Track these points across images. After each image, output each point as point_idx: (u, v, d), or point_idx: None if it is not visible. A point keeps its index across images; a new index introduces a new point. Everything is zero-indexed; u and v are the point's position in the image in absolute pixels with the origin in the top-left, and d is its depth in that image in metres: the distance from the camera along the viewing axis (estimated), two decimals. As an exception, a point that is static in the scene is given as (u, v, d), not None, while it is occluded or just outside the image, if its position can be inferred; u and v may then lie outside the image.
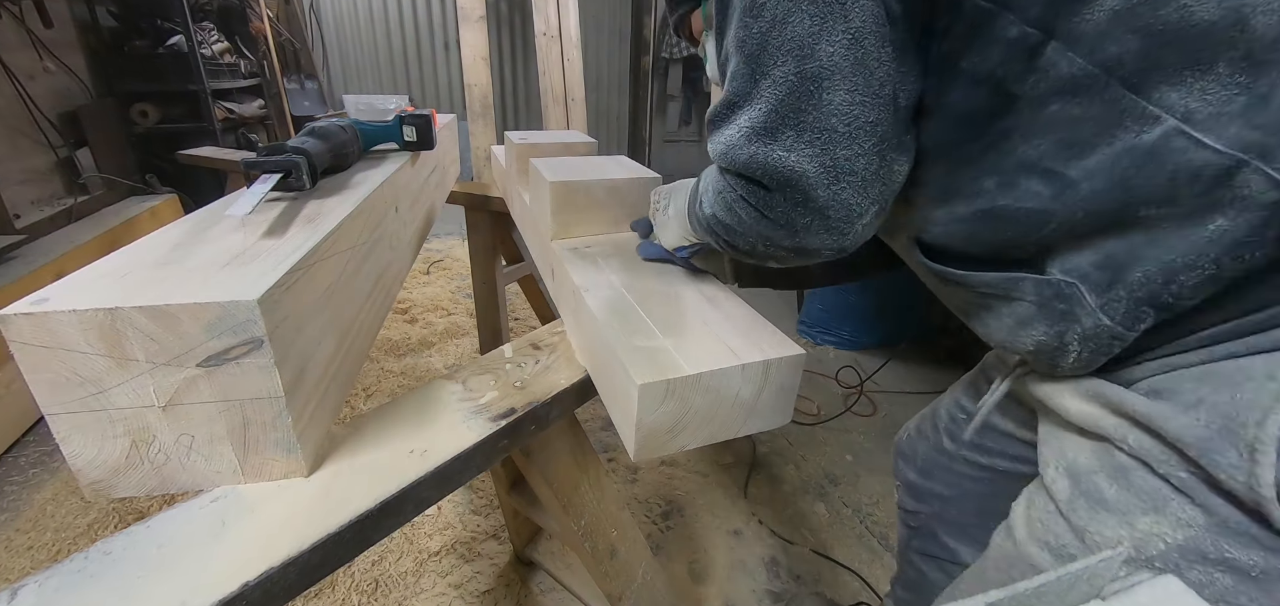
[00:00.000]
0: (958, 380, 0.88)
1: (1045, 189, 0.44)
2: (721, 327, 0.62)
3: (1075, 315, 0.45)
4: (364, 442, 0.57)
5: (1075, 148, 0.41)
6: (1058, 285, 0.46)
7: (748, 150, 0.47)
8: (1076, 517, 0.49)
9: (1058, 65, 0.40)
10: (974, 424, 0.69)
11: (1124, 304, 0.43)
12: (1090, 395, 0.49)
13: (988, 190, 0.47)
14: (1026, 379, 0.59)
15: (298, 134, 0.80)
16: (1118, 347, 0.45)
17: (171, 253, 0.53)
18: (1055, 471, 0.52)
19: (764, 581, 1.42)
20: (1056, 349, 0.48)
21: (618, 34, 4.98)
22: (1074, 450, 0.51)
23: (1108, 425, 0.47)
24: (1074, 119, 0.41)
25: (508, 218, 1.55)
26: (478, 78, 1.82)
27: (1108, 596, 0.33)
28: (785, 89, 0.44)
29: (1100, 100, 0.39)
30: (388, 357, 2.26)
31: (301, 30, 4.35)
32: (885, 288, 2.38)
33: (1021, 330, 0.50)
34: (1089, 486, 0.48)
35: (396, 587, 1.34)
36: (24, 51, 2.49)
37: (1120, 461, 0.46)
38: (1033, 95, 0.42)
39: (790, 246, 0.51)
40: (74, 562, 0.44)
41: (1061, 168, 0.42)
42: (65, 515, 1.51)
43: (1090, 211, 0.42)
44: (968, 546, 0.85)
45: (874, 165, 0.45)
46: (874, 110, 0.43)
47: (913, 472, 0.91)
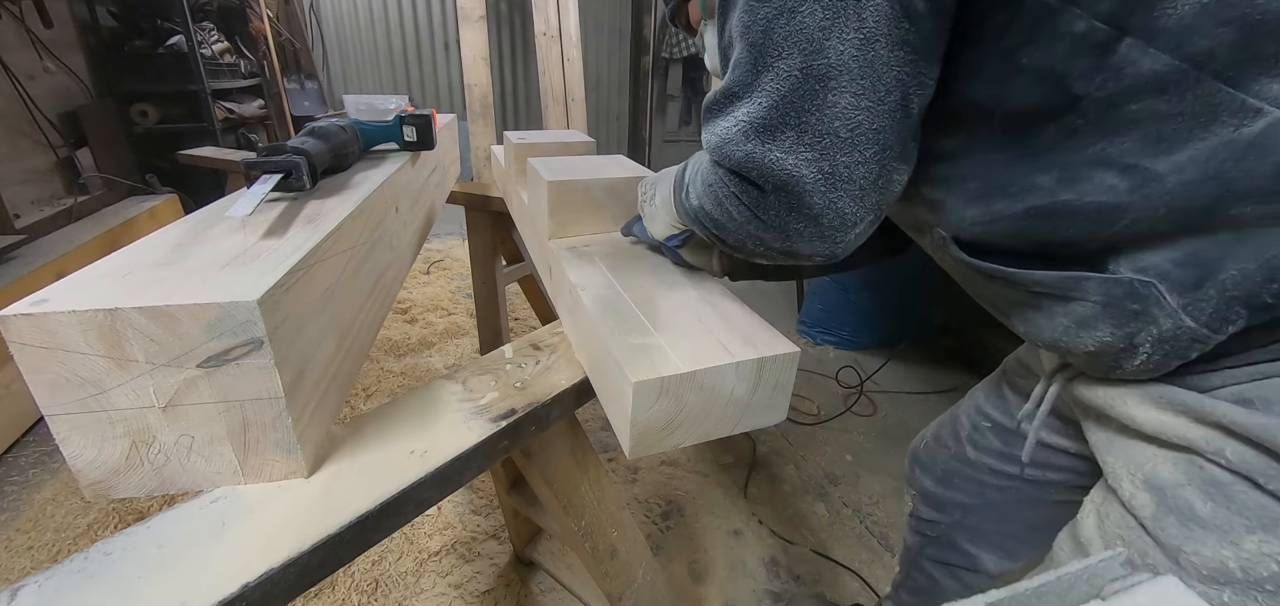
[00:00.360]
0: (976, 385, 0.86)
1: (1122, 183, 0.41)
2: (716, 326, 0.62)
3: (1151, 316, 0.43)
4: (364, 443, 0.57)
5: (1164, 143, 0.39)
6: (1129, 284, 0.43)
7: (744, 147, 0.46)
8: (1167, 536, 0.46)
9: (1137, 62, 0.38)
10: (1030, 444, 0.65)
11: (1213, 304, 0.40)
12: (1165, 403, 0.46)
13: (1044, 186, 0.44)
14: (1075, 384, 0.56)
15: (298, 134, 0.80)
16: (1196, 351, 0.42)
17: (171, 253, 0.53)
18: (1132, 485, 0.49)
19: (764, 581, 1.42)
20: (1122, 351, 0.45)
21: (618, 34, 4.99)
22: (1151, 461, 0.48)
23: (1195, 436, 0.44)
24: (1160, 115, 0.38)
25: (508, 218, 1.55)
26: (478, 78, 1.82)
27: (1108, 596, 0.33)
28: (789, 85, 0.42)
29: (1191, 95, 0.37)
30: (388, 357, 2.26)
31: (301, 30, 4.35)
32: (885, 288, 2.38)
33: (1080, 330, 0.47)
34: (1178, 502, 0.45)
35: (396, 587, 1.34)
36: (24, 51, 2.49)
37: (1214, 476, 0.43)
38: (1102, 94, 0.39)
39: (781, 249, 0.50)
40: (74, 562, 0.44)
41: (1145, 162, 0.40)
42: (65, 515, 1.51)
43: (1176, 208, 0.39)
44: (989, 552, 0.84)
45: (873, 174, 0.44)
46: (879, 117, 0.42)
47: (931, 482, 0.89)
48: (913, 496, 0.94)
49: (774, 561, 1.48)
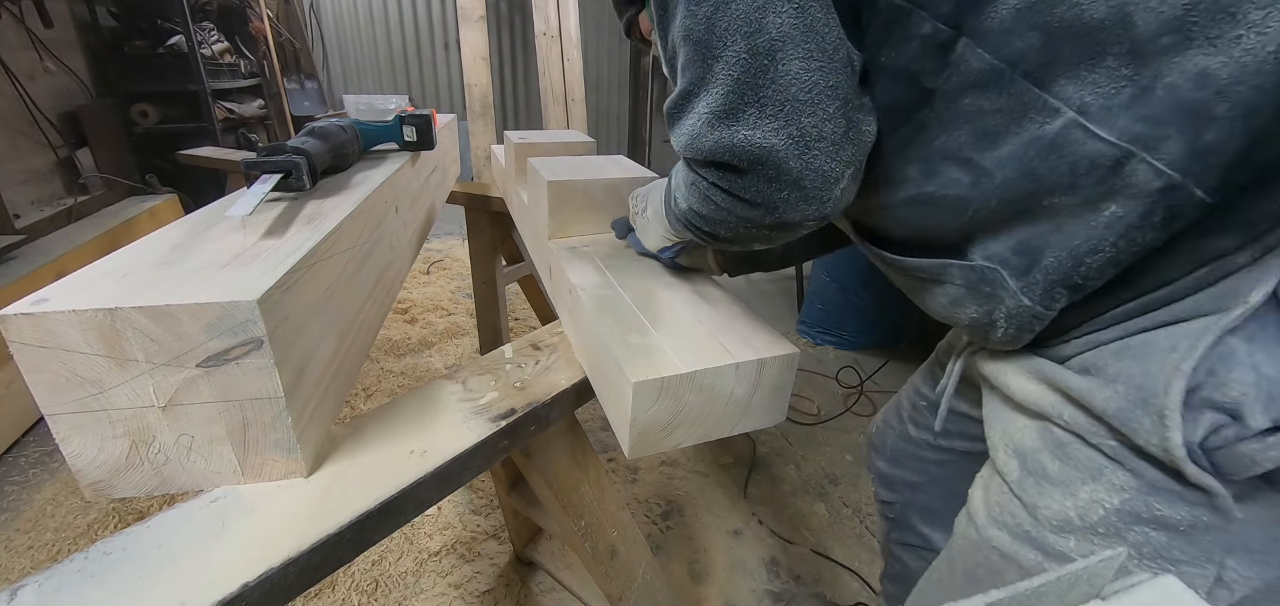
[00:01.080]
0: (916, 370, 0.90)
1: (964, 177, 0.45)
2: (716, 326, 0.62)
3: (999, 297, 0.47)
4: (364, 443, 0.57)
5: (988, 138, 0.43)
6: (981, 270, 0.48)
7: (712, 136, 0.47)
8: (1026, 495, 0.50)
9: (968, 60, 0.42)
10: (941, 411, 0.70)
11: (1041, 286, 0.45)
12: (1032, 373, 0.51)
13: (913, 177, 0.49)
14: (975, 358, 0.61)
15: (298, 134, 0.80)
16: (1038, 325, 0.47)
17: (171, 253, 0.53)
18: (1005, 455, 0.54)
19: (764, 581, 1.42)
20: (986, 325, 0.50)
21: (618, 34, 4.98)
22: (1019, 431, 0.53)
23: (1046, 402, 0.49)
24: (985, 111, 0.43)
25: (508, 218, 1.55)
26: (478, 78, 1.82)
27: (1107, 596, 0.33)
28: (740, 68, 0.44)
29: (1007, 93, 0.41)
30: (388, 357, 2.26)
31: (301, 30, 4.35)
32: (885, 288, 2.37)
33: (954, 307, 0.52)
34: (1035, 465, 0.50)
35: (396, 587, 1.34)
36: (24, 51, 2.49)
37: (1058, 437, 0.48)
38: (946, 89, 0.44)
39: (771, 224, 0.51)
40: (74, 562, 0.44)
41: (977, 157, 0.44)
42: (65, 515, 1.51)
43: (1003, 200, 0.44)
44: (941, 531, 0.87)
45: (842, 127, 0.45)
46: (832, 74, 0.44)
47: (883, 462, 0.93)
48: (872, 479, 0.98)
49: (774, 561, 1.47)
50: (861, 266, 2.38)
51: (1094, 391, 0.44)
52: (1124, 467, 0.44)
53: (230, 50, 3.46)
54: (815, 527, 1.58)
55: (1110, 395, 0.43)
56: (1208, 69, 0.35)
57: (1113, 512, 0.45)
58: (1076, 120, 0.39)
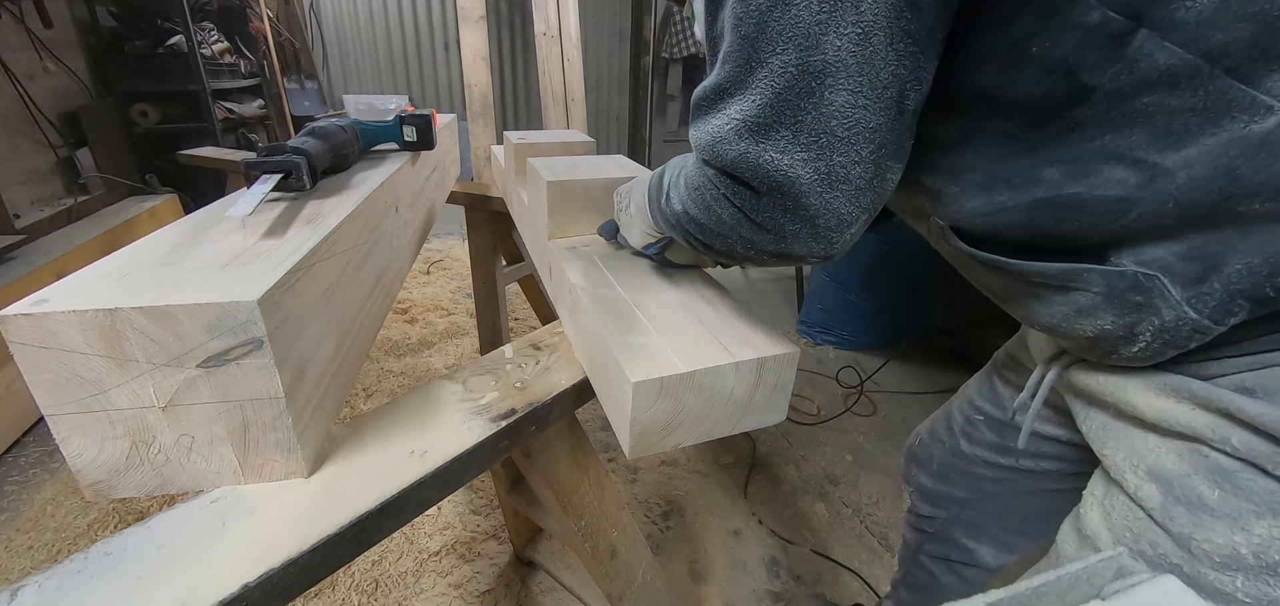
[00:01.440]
0: (968, 380, 0.87)
1: (1132, 177, 0.40)
2: (716, 326, 0.62)
3: (1154, 307, 0.43)
4: (364, 443, 0.57)
5: (1172, 137, 0.38)
6: (1133, 277, 0.43)
7: (738, 146, 0.44)
8: (1176, 525, 0.46)
9: (1151, 55, 0.37)
10: (1025, 431, 0.65)
11: (1217, 297, 0.40)
12: (1168, 390, 0.46)
13: (1050, 179, 0.44)
14: (1072, 370, 0.56)
15: (298, 134, 0.80)
16: (1196, 342, 0.42)
17: (171, 253, 0.53)
18: (1136, 477, 0.49)
19: (764, 581, 1.42)
20: (1121, 338, 0.46)
21: (618, 34, 4.99)
22: (1155, 451, 0.48)
23: (1200, 424, 0.44)
24: (1171, 109, 0.38)
25: (508, 218, 1.55)
26: (478, 78, 1.82)
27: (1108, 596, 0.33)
28: (784, 81, 0.41)
29: (1204, 90, 0.37)
30: (388, 357, 2.26)
31: (301, 30, 4.35)
32: (885, 288, 2.38)
33: (1080, 318, 0.47)
34: (1186, 492, 0.45)
35: (396, 587, 1.34)
36: (24, 51, 2.49)
37: (1221, 463, 0.44)
38: (1116, 87, 0.39)
39: (774, 251, 0.49)
40: (74, 562, 0.44)
41: (1154, 156, 0.39)
42: (65, 515, 1.51)
43: (1184, 203, 0.39)
44: (987, 545, 0.84)
45: (870, 174, 0.43)
46: (875, 115, 0.41)
47: (927, 478, 0.89)
48: (910, 493, 0.95)
49: (774, 561, 1.48)
50: (862, 266, 2.38)
51: (1277, 416, 0.40)
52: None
53: (230, 50, 3.46)
54: (815, 527, 1.58)
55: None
56: None
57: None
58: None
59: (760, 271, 3.34)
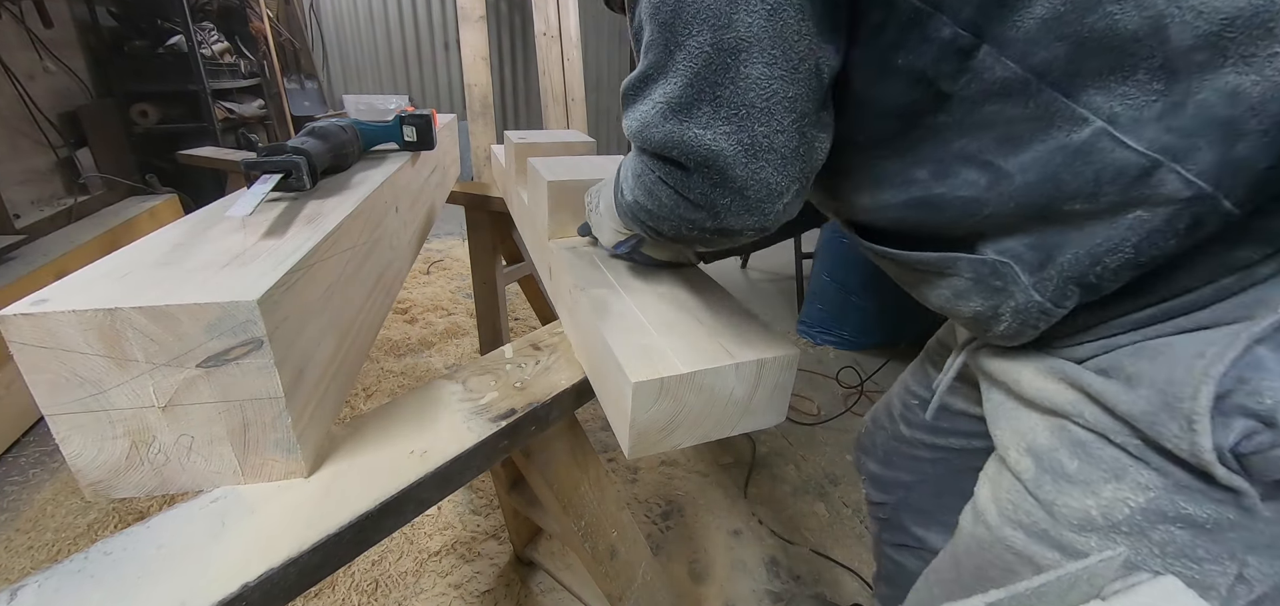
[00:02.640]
0: (906, 368, 0.90)
1: (981, 179, 0.45)
2: (716, 326, 0.62)
3: (1009, 291, 0.47)
4: (364, 443, 0.57)
5: (1011, 143, 0.43)
6: (993, 263, 0.47)
7: (663, 128, 0.46)
8: (1043, 493, 0.50)
9: (991, 68, 0.41)
10: (934, 402, 0.70)
11: (1054, 282, 0.45)
12: (1049, 372, 0.50)
13: (921, 179, 0.48)
14: (979, 354, 0.61)
15: (298, 134, 0.80)
16: (1044, 322, 0.47)
17: (171, 253, 0.53)
18: (1017, 452, 0.54)
19: (764, 581, 1.42)
20: (990, 318, 0.50)
21: (618, 34, 4.99)
22: (1032, 428, 0.53)
23: (1064, 401, 0.49)
24: (1010, 118, 0.42)
25: (508, 218, 1.55)
26: (478, 78, 1.82)
27: (1108, 596, 0.33)
28: (701, 61, 0.43)
29: (1034, 102, 0.41)
30: (388, 357, 2.26)
31: (301, 30, 4.35)
32: (886, 288, 2.38)
33: (958, 300, 0.52)
34: (1052, 462, 0.50)
35: (396, 587, 1.34)
36: (24, 51, 2.49)
37: (1078, 435, 0.48)
38: (966, 94, 0.43)
39: (712, 228, 0.50)
40: (74, 562, 0.44)
41: (999, 160, 0.44)
42: (65, 515, 1.51)
43: (1021, 203, 0.44)
44: (935, 531, 0.87)
45: (794, 142, 0.45)
46: (793, 84, 0.43)
47: (874, 464, 0.93)
48: (863, 481, 0.98)
49: (774, 561, 1.48)
50: (862, 266, 2.38)
51: (1117, 393, 0.44)
52: (1149, 466, 0.44)
53: (230, 50, 3.46)
54: (815, 527, 1.58)
55: (1134, 398, 0.43)
56: (1240, 87, 0.35)
57: (1138, 511, 0.44)
58: (1105, 129, 0.39)
59: (760, 272, 3.34)
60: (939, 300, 0.55)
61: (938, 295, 0.54)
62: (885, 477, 0.91)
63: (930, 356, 0.84)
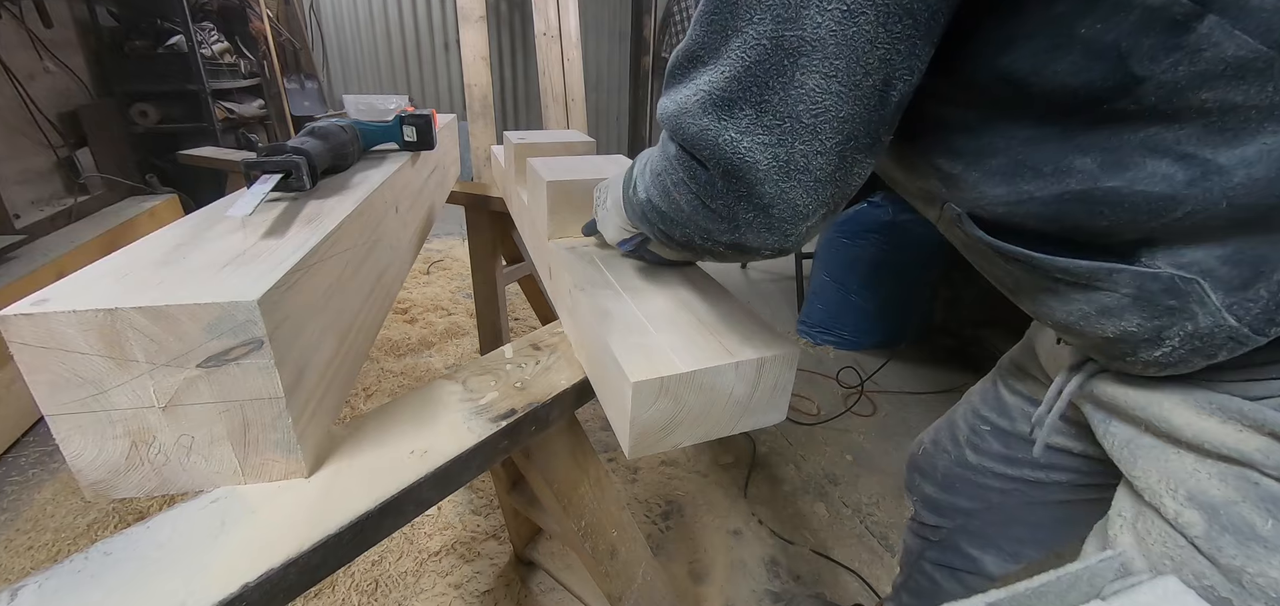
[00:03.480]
0: (971, 388, 0.86)
1: (1179, 173, 0.37)
2: (716, 325, 0.62)
3: (1189, 312, 0.40)
4: (364, 443, 0.57)
5: (1230, 133, 0.35)
6: (1169, 280, 0.40)
7: (700, 122, 0.42)
8: (1225, 558, 0.43)
9: (1218, 44, 0.33)
10: (1041, 441, 0.63)
11: (1262, 304, 0.38)
12: (1214, 409, 0.43)
13: (1084, 169, 0.40)
14: (1096, 381, 0.54)
15: (298, 134, 0.80)
16: (1226, 352, 0.40)
17: (172, 253, 0.53)
18: (1176, 502, 0.46)
19: (764, 581, 1.42)
20: (1144, 341, 0.43)
21: (618, 34, 4.98)
22: (1195, 475, 0.45)
23: (1249, 447, 0.42)
24: (1232, 105, 0.35)
25: (508, 218, 1.55)
26: (478, 78, 1.82)
27: (1107, 596, 0.33)
28: (756, 55, 0.38)
29: (1274, 86, 0.33)
30: (388, 357, 2.26)
31: (301, 30, 4.35)
32: (885, 288, 2.38)
33: (1101, 318, 0.44)
34: (1234, 521, 0.43)
35: (396, 587, 1.34)
36: (24, 51, 2.49)
37: (1273, 490, 0.41)
38: (1169, 78, 0.35)
39: (728, 243, 0.47)
40: (74, 562, 0.44)
41: (1207, 152, 0.36)
42: (65, 515, 1.51)
43: (1239, 204, 0.36)
44: (992, 554, 0.84)
45: (832, 165, 0.40)
46: (848, 103, 0.38)
47: (932, 487, 0.89)
48: (913, 502, 0.94)
49: (774, 561, 1.47)
50: (862, 266, 2.38)
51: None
52: None
53: (230, 50, 3.46)
54: (815, 527, 1.58)
55: None
56: None
57: None
58: None
59: (760, 272, 3.34)
60: (1068, 316, 0.47)
61: (1068, 309, 0.47)
62: (943, 502, 0.86)
63: (1005, 381, 0.77)
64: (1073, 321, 0.47)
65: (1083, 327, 0.47)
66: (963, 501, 0.84)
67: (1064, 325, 0.49)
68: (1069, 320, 0.47)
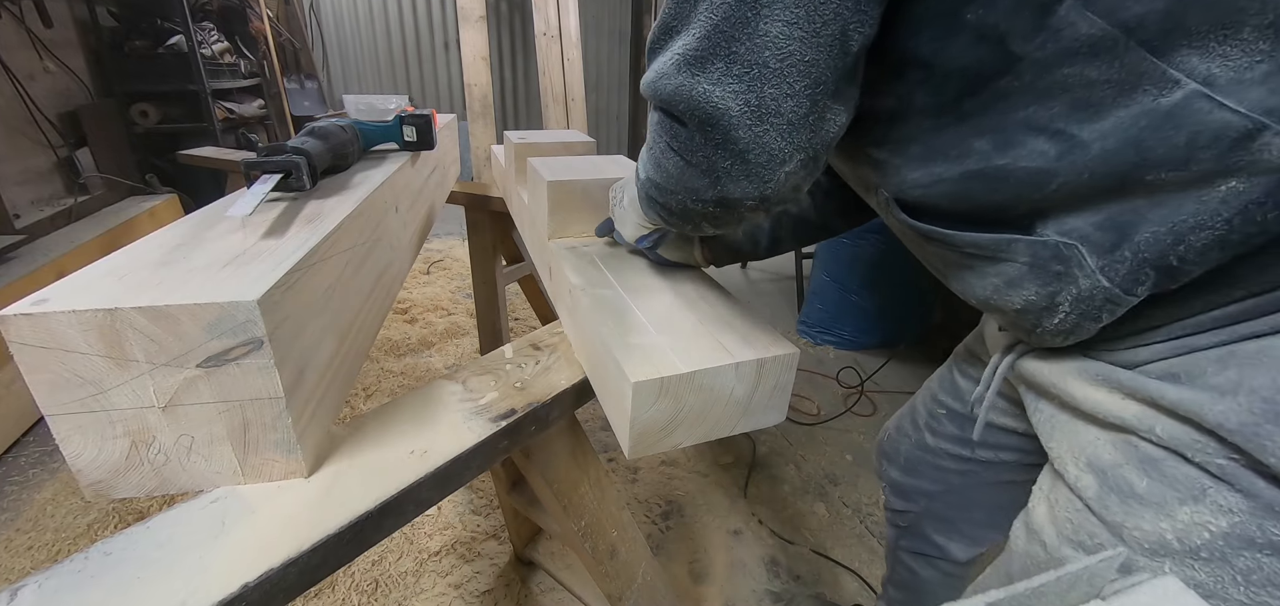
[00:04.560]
0: (931, 375, 0.89)
1: (1051, 148, 0.42)
2: (716, 326, 0.62)
3: (1072, 276, 0.44)
4: (364, 443, 0.57)
5: (1088, 109, 0.40)
6: (1055, 246, 0.44)
7: (675, 80, 0.45)
8: (1110, 514, 0.47)
9: (1074, 25, 0.38)
10: (980, 423, 0.66)
11: (1127, 265, 0.42)
12: (1102, 380, 0.47)
13: (980, 150, 0.45)
14: (1021, 361, 0.58)
15: (298, 134, 0.80)
16: (1108, 314, 0.44)
17: (172, 253, 0.53)
18: (1077, 468, 0.50)
19: (764, 581, 1.42)
20: (1044, 309, 0.47)
21: (618, 34, 4.98)
22: (1093, 443, 0.49)
23: (1129, 414, 0.46)
24: (1089, 81, 0.39)
25: (508, 218, 1.55)
26: (478, 78, 1.82)
27: (1107, 596, 0.33)
28: (722, 13, 0.41)
29: (1120, 63, 0.38)
30: (388, 357, 2.26)
31: (301, 30, 4.35)
32: (885, 288, 2.38)
33: (1008, 290, 0.49)
34: (1117, 481, 0.47)
35: (396, 587, 1.34)
36: (24, 51, 2.49)
37: (1148, 452, 0.45)
38: (1041, 56, 0.40)
39: (713, 198, 0.48)
40: (74, 562, 0.44)
41: (1073, 128, 0.41)
42: (65, 515, 1.51)
43: (1099, 174, 0.41)
44: (956, 541, 0.87)
45: (804, 109, 0.42)
46: (812, 48, 0.40)
47: (897, 471, 0.91)
48: (883, 487, 0.97)
49: (774, 561, 1.48)
50: (862, 266, 2.38)
51: (1203, 404, 0.40)
52: (1233, 488, 0.40)
53: (230, 50, 3.46)
54: (815, 527, 1.58)
55: (1229, 408, 0.39)
56: None
57: (1219, 536, 0.41)
58: (1201, 91, 0.36)
59: (760, 271, 3.34)
60: (984, 291, 0.51)
61: (984, 285, 0.51)
62: (907, 486, 0.89)
63: (959, 366, 0.81)
64: (988, 296, 0.51)
65: (997, 302, 0.51)
66: (925, 484, 0.87)
67: (983, 300, 0.53)
68: (986, 295, 0.51)
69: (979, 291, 0.52)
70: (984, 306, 0.53)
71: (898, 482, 0.91)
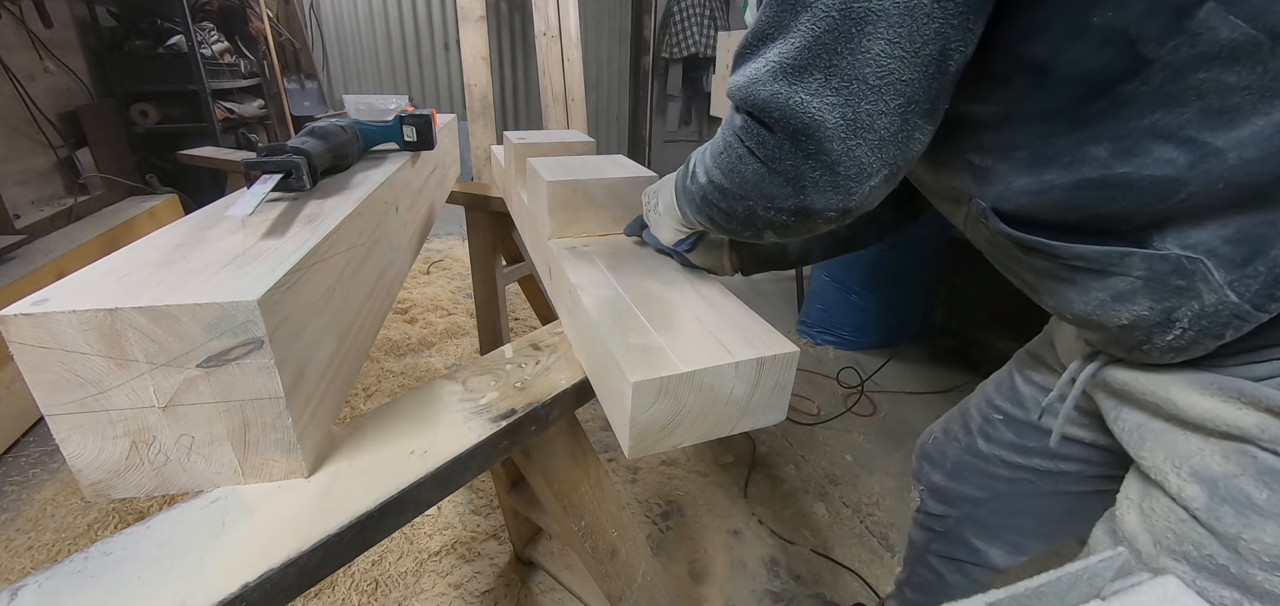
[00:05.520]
0: (985, 381, 0.86)
1: (1181, 157, 0.40)
2: (716, 326, 0.62)
3: (1195, 291, 0.42)
4: (364, 443, 0.57)
5: (1224, 116, 0.38)
6: (1176, 260, 0.42)
7: (771, 87, 0.44)
8: (1223, 526, 0.45)
9: (1214, 28, 0.36)
10: (1057, 432, 0.64)
11: (1260, 281, 0.40)
12: (1214, 388, 0.46)
13: (1098, 157, 0.43)
14: (1108, 370, 0.56)
15: (298, 134, 0.80)
16: (1232, 330, 0.42)
17: (172, 253, 0.53)
18: (1179, 478, 0.49)
19: (764, 581, 1.42)
20: (1156, 325, 0.45)
21: (618, 34, 4.98)
22: (1198, 452, 0.48)
23: (1248, 423, 0.44)
24: (1227, 86, 0.37)
25: (508, 218, 1.55)
26: (478, 78, 1.82)
27: (1107, 596, 0.33)
28: (825, 24, 0.41)
29: (1262, 67, 0.36)
30: (388, 357, 2.26)
31: (301, 30, 4.35)
32: (885, 288, 2.38)
33: (1115, 304, 0.47)
34: (1233, 492, 0.45)
35: (396, 587, 1.34)
36: (24, 51, 2.49)
37: (1269, 463, 0.43)
38: (1172, 60, 0.38)
39: (793, 207, 0.48)
40: (74, 562, 0.44)
41: (1206, 136, 0.39)
42: (65, 515, 1.51)
43: (1233, 184, 0.39)
44: (997, 547, 0.85)
45: (895, 126, 0.42)
46: (910, 68, 0.40)
47: (940, 476, 0.89)
48: (920, 491, 0.94)
49: (774, 561, 1.47)
50: (862, 266, 2.38)
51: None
52: None
53: (230, 50, 3.46)
54: (815, 527, 1.58)
55: None
56: None
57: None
58: None
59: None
60: (1086, 306, 0.49)
61: (1086, 300, 0.49)
62: (950, 490, 0.87)
63: (1021, 372, 0.79)
64: (1090, 312, 0.49)
65: (1099, 317, 0.49)
66: (970, 489, 0.84)
67: (1083, 317, 0.51)
68: (1087, 311, 0.50)
69: (1079, 307, 0.50)
70: (1083, 323, 0.52)
71: (939, 486, 0.89)
